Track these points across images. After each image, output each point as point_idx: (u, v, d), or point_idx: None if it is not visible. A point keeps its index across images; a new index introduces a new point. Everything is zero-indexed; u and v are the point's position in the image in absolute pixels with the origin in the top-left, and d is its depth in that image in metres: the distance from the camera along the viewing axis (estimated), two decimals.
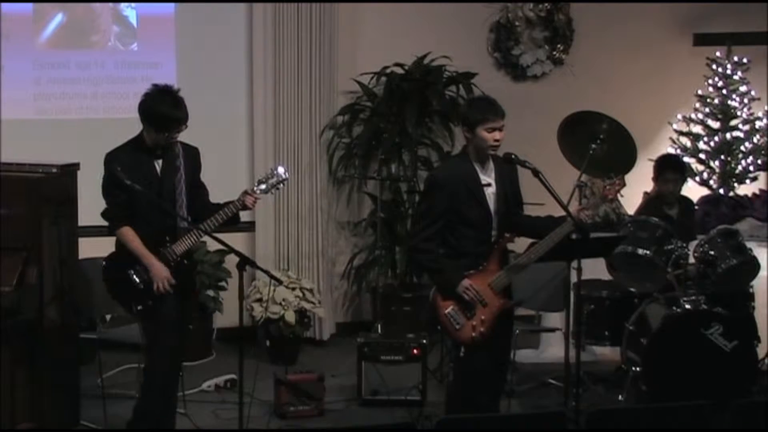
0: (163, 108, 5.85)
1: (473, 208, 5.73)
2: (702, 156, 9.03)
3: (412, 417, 6.73)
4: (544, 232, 5.76)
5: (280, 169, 6.11)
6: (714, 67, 9.07)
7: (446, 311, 5.76)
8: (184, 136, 6.08)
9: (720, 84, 9.05)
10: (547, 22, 9.13)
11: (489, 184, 5.78)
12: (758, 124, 9.04)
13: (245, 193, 6.02)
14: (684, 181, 7.69)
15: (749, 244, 7.26)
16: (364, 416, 6.99)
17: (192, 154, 6.12)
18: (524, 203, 6.03)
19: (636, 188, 7.58)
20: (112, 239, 6.06)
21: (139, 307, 5.96)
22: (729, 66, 9.04)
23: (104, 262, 6.09)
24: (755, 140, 9.02)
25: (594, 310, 7.32)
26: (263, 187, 6.07)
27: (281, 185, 6.13)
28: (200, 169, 6.17)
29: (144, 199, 5.87)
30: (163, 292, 5.90)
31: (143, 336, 6.17)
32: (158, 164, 5.98)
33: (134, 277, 5.93)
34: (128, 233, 5.94)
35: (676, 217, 7.43)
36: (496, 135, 5.71)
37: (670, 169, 7.47)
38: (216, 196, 6.23)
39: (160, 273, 5.90)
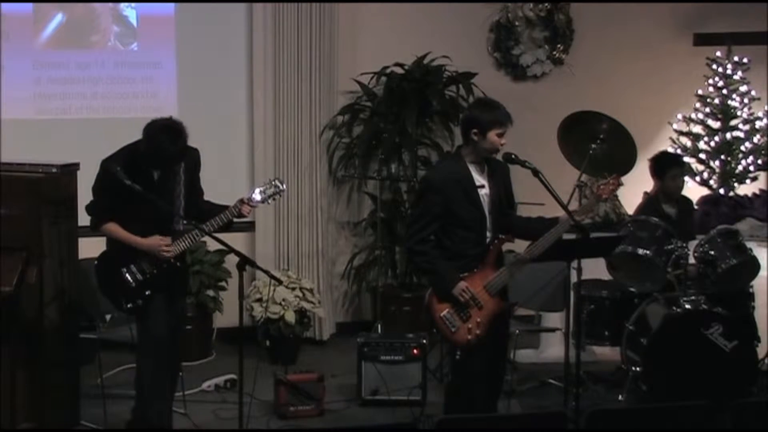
0: (168, 151, 5.83)
1: (468, 209, 5.73)
2: (702, 156, 9.03)
3: (413, 417, 6.72)
4: (536, 234, 5.77)
5: (278, 182, 6.13)
6: (714, 67, 9.07)
7: (441, 314, 5.76)
8: None
9: (720, 84, 9.05)
10: (547, 22, 9.13)
11: (482, 186, 5.78)
12: (758, 124, 9.05)
13: (241, 201, 6.01)
14: (685, 175, 7.71)
15: (749, 244, 7.26)
16: (364, 416, 6.99)
17: (192, 156, 6.11)
18: (524, 203, 6.04)
19: (636, 188, 7.59)
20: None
21: (129, 305, 5.99)
22: (729, 66, 9.04)
23: (96, 261, 6.10)
24: (755, 140, 9.02)
25: (594, 310, 7.32)
26: (258, 197, 6.07)
27: (278, 196, 6.15)
28: (199, 170, 6.17)
29: (140, 201, 5.86)
30: (169, 256, 5.93)
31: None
32: (156, 172, 5.98)
33: (126, 276, 5.96)
34: (113, 227, 5.97)
35: (675, 216, 7.43)
36: (503, 139, 5.75)
37: (675, 165, 7.49)
38: (215, 196, 6.23)
39: (155, 244, 5.93)
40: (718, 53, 9.10)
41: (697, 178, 9.02)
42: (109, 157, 5.99)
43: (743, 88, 9.05)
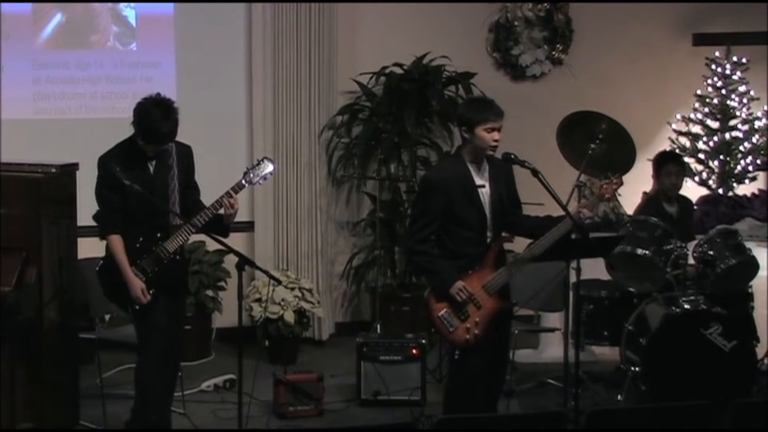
0: (156, 124, 5.81)
1: (468, 209, 5.72)
2: (701, 156, 9.03)
3: (413, 417, 6.73)
4: (543, 233, 5.75)
5: (268, 160, 6.04)
6: (713, 67, 9.07)
7: (439, 313, 5.75)
8: (183, 135, 6.07)
9: (719, 84, 9.05)
10: (546, 22, 9.13)
11: (483, 185, 5.77)
12: (757, 124, 9.04)
13: (227, 194, 5.96)
14: (684, 175, 7.70)
15: (748, 244, 7.27)
16: (363, 416, 6.99)
17: (184, 153, 6.09)
18: (523, 203, 6.02)
19: (635, 188, 7.59)
20: None
21: (136, 307, 5.96)
22: (728, 66, 9.04)
23: (100, 263, 6.09)
24: (754, 140, 9.02)
25: (593, 310, 7.33)
26: (249, 179, 6.00)
27: (269, 175, 6.06)
28: (193, 167, 6.14)
29: (139, 199, 5.86)
30: (138, 303, 5.90)
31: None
32: (151, 165, 5.97)
33: None
34: (116, 243, 5.93)
35: (675, 215, 7.44)
36: (495, 135, 5.71)
37: (671, 162, 7.49)
38: (215, 196, 6.20)
39: (135, 288, 5.89)
40: (717, 53, 9.10)
41: (696, 178, 9.02)
42: (106, 154, 5.99)
43: (742, 88, 9.05)
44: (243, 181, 5.98)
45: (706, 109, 9.06)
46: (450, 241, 5.76)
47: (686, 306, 6.84)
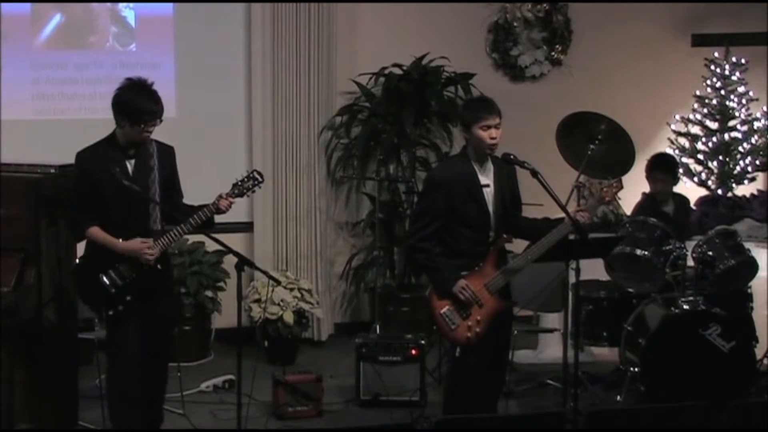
0: (138, 101, 5.77)
1: (471, 208, 5.73)
2: (700, 156, 9.04)
3: (412, 417, 6.73)
4: (541, 235, 5.76)
5: (257, 173, 6.00)
6: (712, 67, 9.08)
7: (441, 311, 5.75)
8: (183, 136, 6.07)
9: (718, 85, 9.06)
10: (545, 23, 9.14)
11: (487, 185, 5.78)
12: (756, 124, 9.05)
13: (219, 197, 5.88)
14: (675, 181, 7.69)
15: (747, 245, 7.27)
16: (362, 417, 6.99)
17: (166, 153, 5.99)
18: (523, 204, 6.02)
19: (635, 189, 7.59)
20: None
21: (110, 312, 5.84)
22: (727, 67, 9.05)
23: (75, 265, 6.02)
24: (753, 141, 9.03)
25: (592, 310, 7.32)
26: (237, 191, 5.92)
27: (257, 188, 6.01)
28: (176, 168, 6.04)
29: (120, 200, 5.78)
30: (152, 259, 5.78)
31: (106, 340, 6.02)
32: (131, 164, 5.85)
33: (104, 280, 5.81)
34: (96, 232, 5.82)
35: (672, 213, 7.45)
36: (492, 133, 5.70)
37: (658, 169, 7.50)
38: (213, 197, 6.21)
39: (137, 247, 5.77)
40: (716, 54, 9.11)
41: (695, 179, 9.03)
42: (84, 151, 5.90)
43: (741, 89, 9.06)
44: (233, 193, 5.92)
45: (705, 110, 9.08)
46: (452, 240, 5.76)
47: (685, 306, 6.84)
